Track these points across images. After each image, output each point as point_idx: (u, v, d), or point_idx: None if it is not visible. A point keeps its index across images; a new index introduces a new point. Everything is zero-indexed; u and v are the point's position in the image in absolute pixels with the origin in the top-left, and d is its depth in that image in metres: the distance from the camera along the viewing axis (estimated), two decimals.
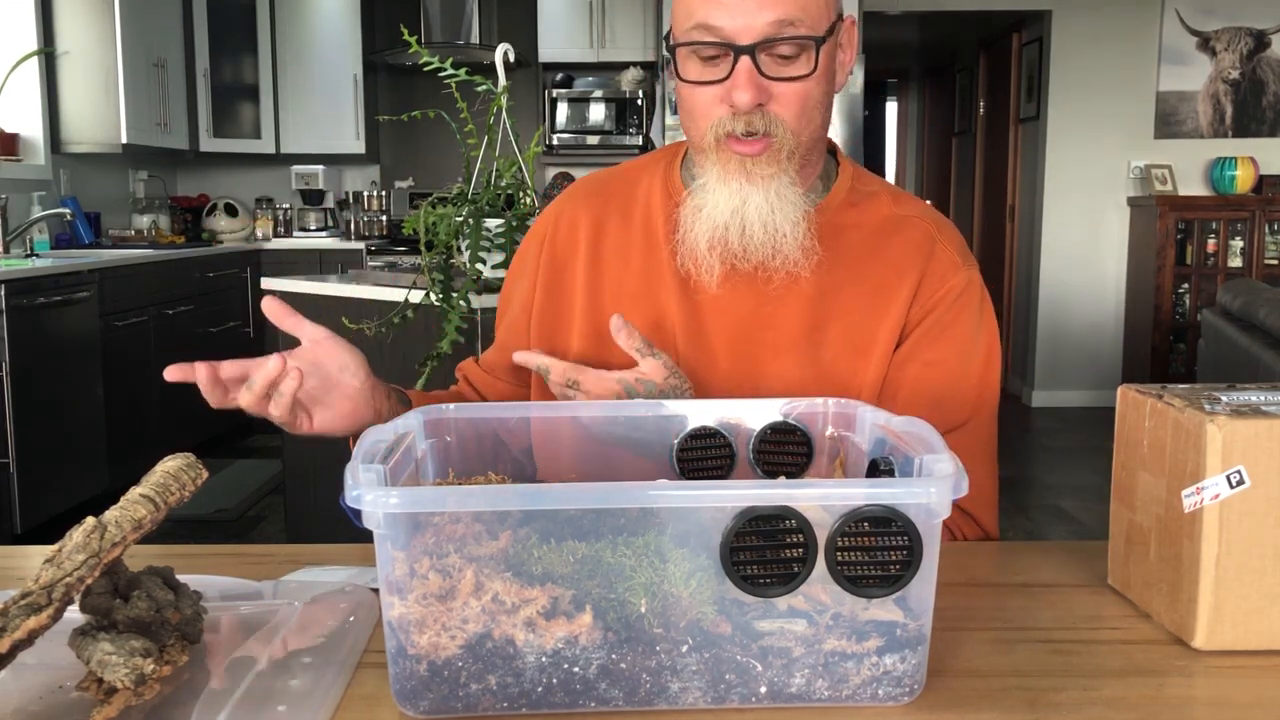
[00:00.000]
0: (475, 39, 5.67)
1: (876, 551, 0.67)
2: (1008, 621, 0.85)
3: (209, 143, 5.70)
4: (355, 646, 0.77)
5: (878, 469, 0.85)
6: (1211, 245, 5.83)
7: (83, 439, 4.05)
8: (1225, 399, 0.82)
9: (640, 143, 5.79)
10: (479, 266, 2.33)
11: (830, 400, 0.94)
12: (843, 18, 1.09)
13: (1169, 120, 6.08)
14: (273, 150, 5.88)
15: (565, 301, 1.21)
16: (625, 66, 5.88)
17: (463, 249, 2.35)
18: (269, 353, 0.96)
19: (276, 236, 5.98)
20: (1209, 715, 0.71)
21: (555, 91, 5.84)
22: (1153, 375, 5.77)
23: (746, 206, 1.07)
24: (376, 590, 0.80)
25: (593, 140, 5.86)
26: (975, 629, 0.83)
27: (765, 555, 0.67)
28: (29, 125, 4.81)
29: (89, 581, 0.67)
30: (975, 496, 1.10)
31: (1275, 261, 5.83)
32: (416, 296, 2.43)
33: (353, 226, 5.94)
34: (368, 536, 0.67)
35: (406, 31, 2.64)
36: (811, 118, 1.08)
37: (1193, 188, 6.07)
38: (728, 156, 1.07)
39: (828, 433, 0.93)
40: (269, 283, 3.17)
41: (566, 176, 3.79)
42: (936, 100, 8.86)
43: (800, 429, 0.93)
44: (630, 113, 5.81)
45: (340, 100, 5.85)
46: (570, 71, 5.98)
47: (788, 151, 1.06)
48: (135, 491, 0.72)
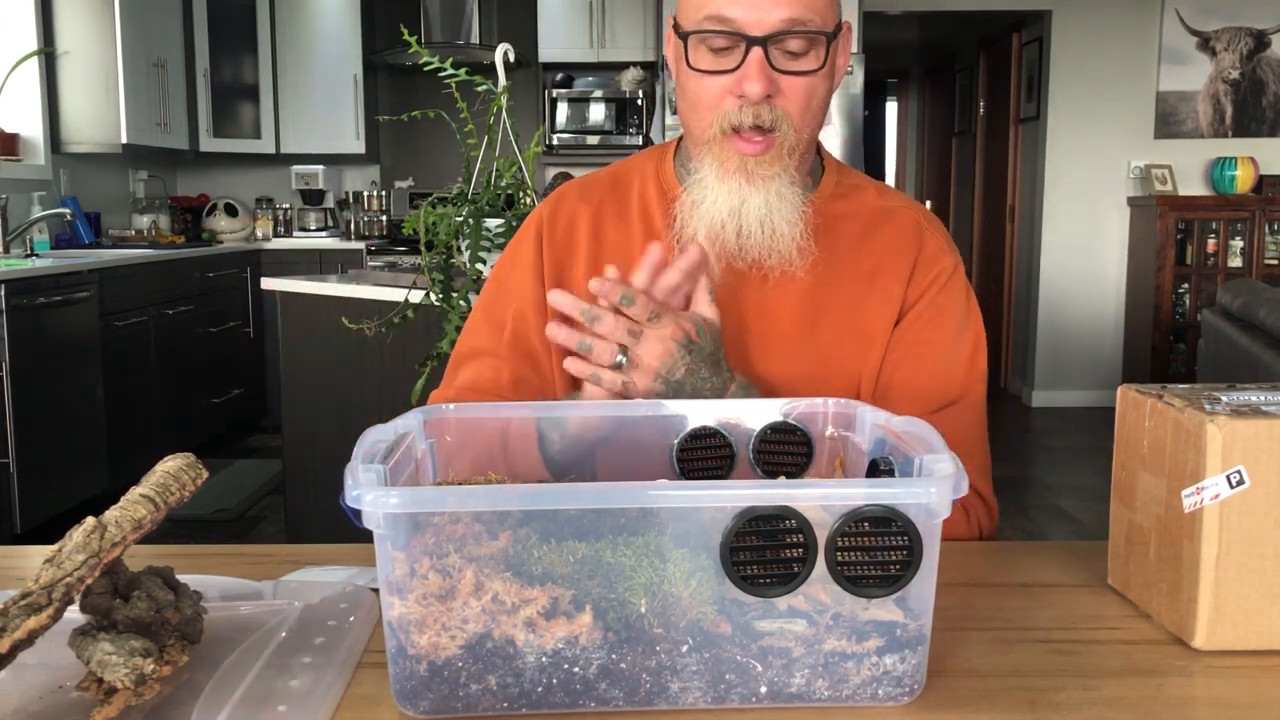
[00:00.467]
0: (475, 39, 5.67)
1: (876, 551, 0.67)
2: (1008, 621, 0.85)
3: (209, 143, 5.70)
4: (355, 646, 0.77)
5: (878, 469, 0.85)
6: (1211, 245, 5.83)
7: (83, 439, 4.05)
8: (1225, 399, 0.82)
9: (640, 143, 5.79)
10: (479, 266, 2.33)
11: (830, 400, 0.94)
12: (841, 23, 1.10)
13: (1169, 120, 6.09)
14: (273, 150, 5.88)
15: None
16: (625, 66, 5.88)
17: (463, 249, 2.35)
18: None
19: (276, 236, 5.98)
20: (1209, 715, 0.71)
21: (555, 91, 5.84)
22: (1153, 375, 5.77)
23: (745, 207, 1.08)
24: (376, 590, 0.80)
25: (593, 140, 5.85)
26: (975, 629, 0.83)
27: (765, 555, 0.67)
28: (29, 125, 4.81)
29: (89, 581, 0.67)
30: (978, 472, 1.13)
31: (1275, 261, 5.83)
32: (416, 296, 2.43)
33: (353, 226, 5.94)
34: (368, 536, 0.67)
35: (406, 31, 2.64)
36: (814, 114, 1.09)
37: (1193, 188, 6.07)
38: (728, 154, 1.07)
39: (828, 433, 0.93)
40: (269, 283, 3.17)
41: (566, 176, 3.79)
42: (936, 100, 8.86)
43: (800, 429, 0.93)
44: (630, 113, 5.81)
45: (340, 100, 5.85)
46: (570, 71, 5.98)
47: (789, 148, 1.07)
48: (135, 491, 0.72)
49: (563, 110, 5.83)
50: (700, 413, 0.94)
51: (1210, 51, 6.02)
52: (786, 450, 0.94)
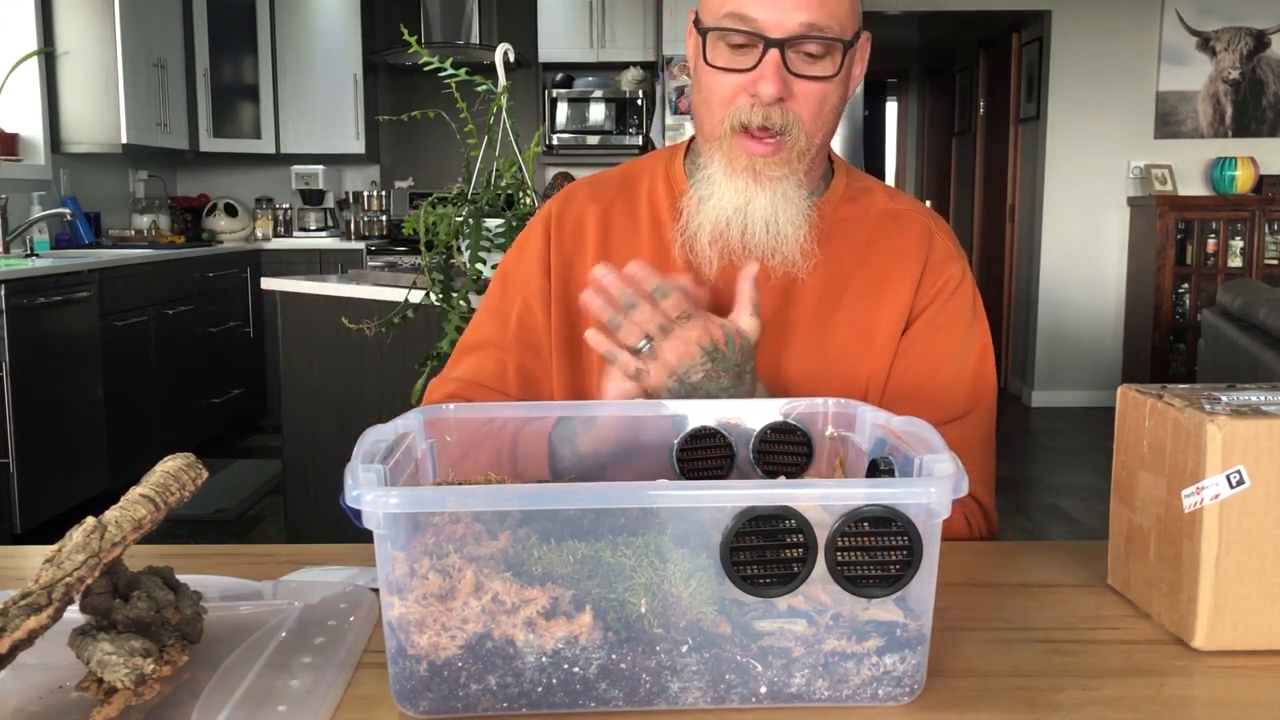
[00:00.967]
0: (475, 39, 5.67)
1: (876, 551, 0.67)
2: (1008, 621, 0.85)
3: (209, 143, 5.70)
4: (355, 646, 0.77)
5: (878, 469, 0.85)
6: (1211, 245, 5.83)
7: (83, 439, 4.05)
8: (1225, 399, 0.82)
9: (640, 143, 5.79)
10: (479, 266, 2.33)
11: (830, 400, 0.94)
12: (861, 32, 1.10)
13: (1169, 120, 6.08)
14: (273, 150, 5.88)
15: (577, 298, 1.20)
16: (625, 66, 5.88)
17: (463, 249, 2.35)
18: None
19: (276, 236, 5.98)
20: (1209, 715, 0.71)
21: (555, 91, 5.84)
22: (1153, 375, 5.77)
23: (750, 206, 1.08)
24: (376, 590, 0.80)
25: (593, 140, 5.85)
26: (975, 629, 0.83)
27: (765, 555, 0.67)
28: (29, 125, 4.81)
29: (89, 581, 0.67)
30: (983, 483, 1.13)
31: (1275, 261, 5.83)
32: (416, 296, 2.43)
33: (353, 226, 5.94)
34: (368, 536, 0.67)
35: (406, 31, 2.65)
36: (826, 120, 1.10)
37: (1193, 188, 6.07)
38: (737, 152, 1.08)
39: (828, 433, 0.93)
40: (269, 283, 3.17)
41: (566, 176, 3.79)
42: (936, 100, 8.86)
43: (800, 429, 0.93)
44: (630, 113, 5.81)
45: (340, 100, 5.85)
46: (570, 71, 5.98)
47: (799, 152, 1.08)
48: (135, 491, 0.72)
49: (563, 110, 5.83)
50: (700, 413, 0.94)
51: (1210, 51, 6.02)
52: (786, 450, 0.94)
